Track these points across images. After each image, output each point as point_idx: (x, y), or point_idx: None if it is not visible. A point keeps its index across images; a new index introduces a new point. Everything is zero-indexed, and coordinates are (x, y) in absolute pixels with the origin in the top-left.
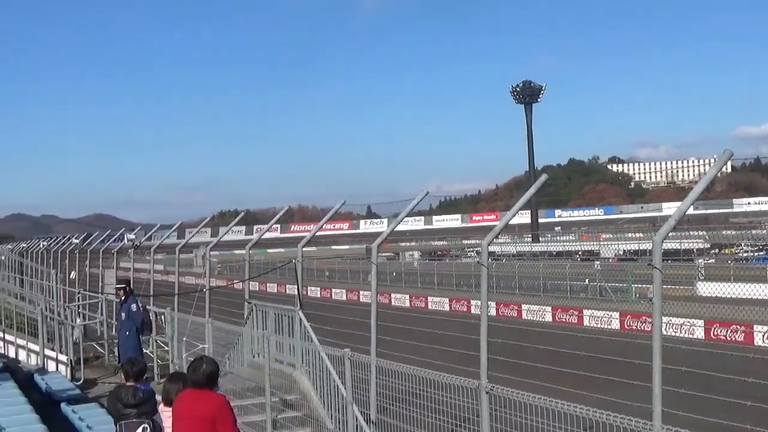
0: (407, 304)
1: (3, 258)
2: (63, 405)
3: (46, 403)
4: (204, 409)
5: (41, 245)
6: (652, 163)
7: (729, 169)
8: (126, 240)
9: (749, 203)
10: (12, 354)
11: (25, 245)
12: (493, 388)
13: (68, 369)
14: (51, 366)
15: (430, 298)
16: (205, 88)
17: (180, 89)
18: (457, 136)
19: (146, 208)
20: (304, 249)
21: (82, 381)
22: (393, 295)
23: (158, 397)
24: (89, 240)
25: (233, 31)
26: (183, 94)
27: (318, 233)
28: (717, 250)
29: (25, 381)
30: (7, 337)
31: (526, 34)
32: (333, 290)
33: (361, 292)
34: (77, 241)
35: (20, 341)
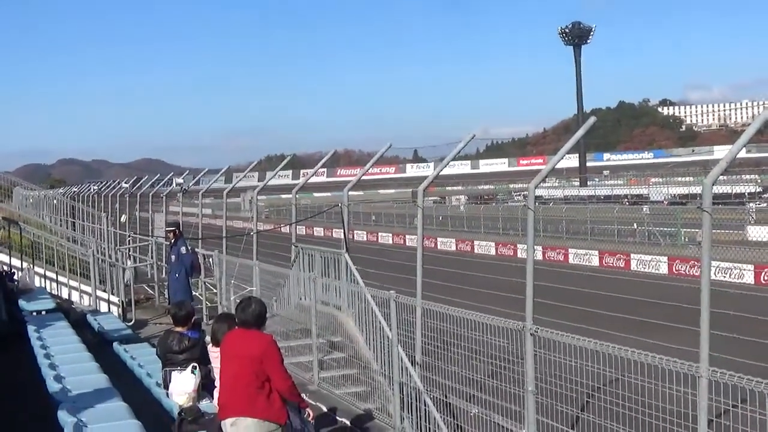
0: (453, 248)
1: (55, 202)
2: (115, 344)
3: (98, 343)
4: (252, 349)
5: (92, 189)
6: (704, 105)
7: None
8: (175, 184)
9: None
10: (65, 295)
11: (76, 189)
12: (537, 329)
13: (120, 310)
14: (103, 307)
15: (476, 242)
16: (251, 33)
17: (228, 34)
18: (505, 79)
19: (194, 153)
20: (350, 193)
21: (133, 321)
22: (439, 239)
23: (207, 338)
24: (139, 184)
25: None
26: (231, 38)
27: (364, 177)
28: None
29: (79, 321)
30: (61, 278)
31: None
32: (379, 234)
33: (407, 236)
34: (127, 185)
35: (73, 283)
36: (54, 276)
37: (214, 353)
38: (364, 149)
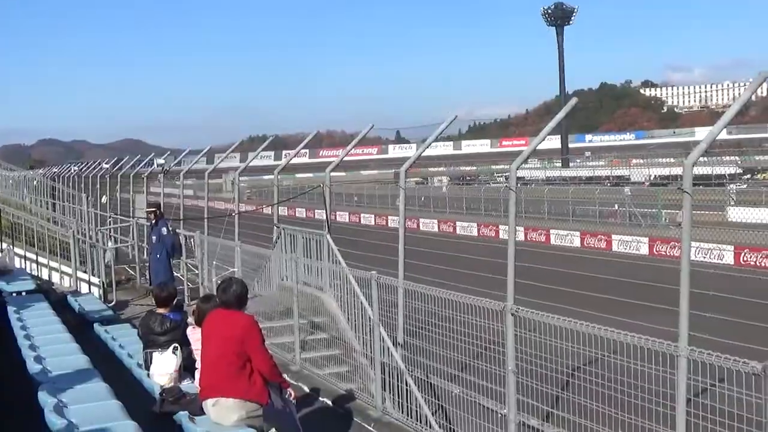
0: (436, 229)
1: (36, 183)
2: (96, 325)
3: (79, 324)
4: (233, 329)
5: (72, 170)
6: (686, 87)
7: (765, 93)
8: (156, 165)
9: None
10: (45, 276)
11: (56, 170)
12: (518, 309)
13: (100, 291)
14: (84, 288)
15: (458, 223)
16: (235, 11)
17: (210, 13)
18: (488, 60)
19: (176, 133)
20: (332, 174)
21: (114, 303)
22: (421, 220)
23: (190, 319)
24: (119, 165)
25: None
26: (213, 17)
27: (346, 158)
28: (749, 176)
29: (59, 302)
30: (41, 259)
31: None
32: (362, 215)
33: (390, 217)
34: (108, 165)
35: (53, 264)
36: (34, 257)
37: (195, 335)
38: (347, 130)
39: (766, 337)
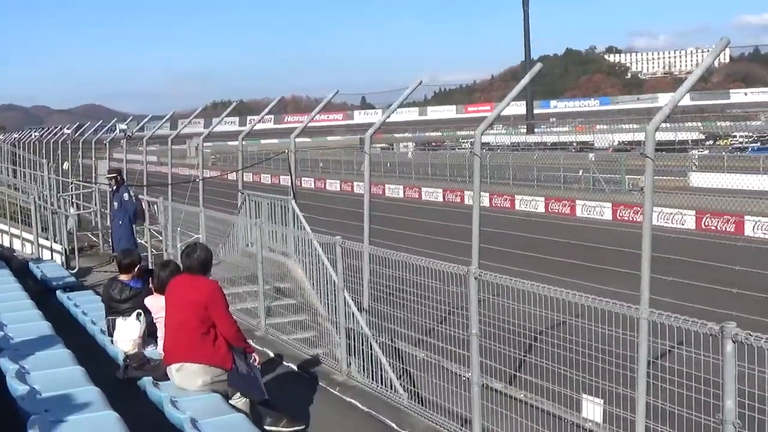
0: (401, 194)
1: None
2: (58, 292)
3: (41, 291)
4: (197, 295)
5: (33, 136)
6: (649, 53)
7: (727, 59)
8: (118, 131)
9: (746, 94)
10: (6, 243)
11: (17, 136)
12: (481, 273)
13: (63, 258)
14: (46, 255)
15: (423, 189)
16: None
17: None
18: (453, 25)
19: (139, 99)
20: (297, 140)
21: (76, 269)
22: (387, 186)
23: (152, 286)
24: (81, 131)
25: None
26: None
27: (312, 124)
28: (712, 141)
29: (20, 269)
30: (1, 226)
31: None
32: (327, 181)
33: (355, 183)
34: (69, 131)
35: (14, 231)
36: None
37: (156, 303)
38: (312, 95)
39: (725, 300)
